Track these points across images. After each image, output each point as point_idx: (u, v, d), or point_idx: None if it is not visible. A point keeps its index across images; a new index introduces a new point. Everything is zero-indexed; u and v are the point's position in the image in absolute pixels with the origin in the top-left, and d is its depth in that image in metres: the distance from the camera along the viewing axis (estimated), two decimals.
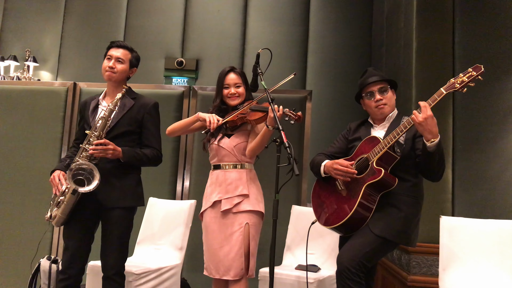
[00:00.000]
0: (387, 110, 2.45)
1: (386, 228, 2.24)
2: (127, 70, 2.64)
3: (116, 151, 2.43)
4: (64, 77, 5.58)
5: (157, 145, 2.64)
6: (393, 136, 2.25)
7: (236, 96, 2.66)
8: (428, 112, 2.10)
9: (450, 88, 2.14)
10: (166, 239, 3.33)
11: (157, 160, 2.65)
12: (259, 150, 2.58)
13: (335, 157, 2.56)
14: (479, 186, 3.02)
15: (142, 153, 2.56)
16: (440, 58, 3.17)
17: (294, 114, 2.40)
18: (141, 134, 2.61)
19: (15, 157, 4.00)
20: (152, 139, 2.62)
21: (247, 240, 2.52)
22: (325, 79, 5.24)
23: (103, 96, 2.67)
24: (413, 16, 3.28)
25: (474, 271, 2.45)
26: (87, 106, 2.65)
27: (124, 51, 2.63)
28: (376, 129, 2.49)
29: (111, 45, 2.65)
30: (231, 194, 2.56)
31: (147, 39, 5.62)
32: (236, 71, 2.68)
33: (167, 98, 4.01)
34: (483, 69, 2.10)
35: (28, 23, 5.84)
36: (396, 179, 2.27)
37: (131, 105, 2.58)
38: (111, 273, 2.47)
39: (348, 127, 2.65)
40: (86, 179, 2.34)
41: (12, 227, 3.89)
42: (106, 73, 2.59)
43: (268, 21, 5.49)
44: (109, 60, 2.59)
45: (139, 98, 2.64)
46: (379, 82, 2.45)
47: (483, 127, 3.07)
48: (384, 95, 2.43)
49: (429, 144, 2.13)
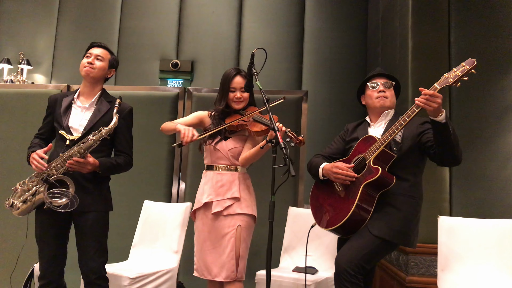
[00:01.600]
0: (387, 103, 2.44)
1: (385, 228, 2.22)
2: (106, 69, 2.58)
3: (94, 166, 2.40)
4: (58, 80, 5.55)
5: (129, 151, 2.61)
6: (389, 134, 2.23)
7: (241, 100, 2.62)
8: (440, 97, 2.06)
9: (444, 83, 2.10)
10: (162, 242, 3.29)
11: (128, 166, 2.62)
12: (253, 161, 2.58)
13: (333, 158, 2.54)
14: (477, 185, 3.01)
15: (117, 162, 2.52)
16: (436, 57, 3.17)
17: (295, 137, 2.37)
18: (114, 138, 2.56)
19: (7, 160, 3.96)
20: (126, 145, 2.58)
21: (239, 242, 2.49)
22: (321, 80, 5.23)
23: (77, 95, 2.58)
24: (408, 15, 3.27)
25: (473, 271, 2.44)
26: (58, 103, 2.56)
27: (105, 51, 2.60)
28: (374, 127, 2.47)
29: (91, 45, 2.62)
30: (222, 197, 2.53)
31: (142, 41, 5.59)
32: (242, 74, 2.62)
33: (162, 100, 3.98)
34: (476, 63, 2.07)
35: (22, 26, 5.81)
36: (394, 177, 2.24)
37: (107, 110, 2.52)
38: (94, 277, 2.42)
39: (346, 128, 2.63)
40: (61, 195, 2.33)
41: (5, 231, 3.85)
42: (84, 69, 2.53)
43: (263, 22, 5.47)
44: (88, 57, 2.56)
45: (115, 102, 2.53)
46: (385, 77, 2.47)
47: (480, 126, 3.06)
48: (387, 89, 2.45)
49: (440, 118, 2.09)
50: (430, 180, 2.99)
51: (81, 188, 2.41)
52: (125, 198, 3.73)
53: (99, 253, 2.46)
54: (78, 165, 2.35)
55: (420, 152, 2.33)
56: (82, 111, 2.53)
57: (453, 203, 3.03)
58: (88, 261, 2.43)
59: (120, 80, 5.60)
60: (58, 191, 2.33)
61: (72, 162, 2.33)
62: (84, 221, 2.44)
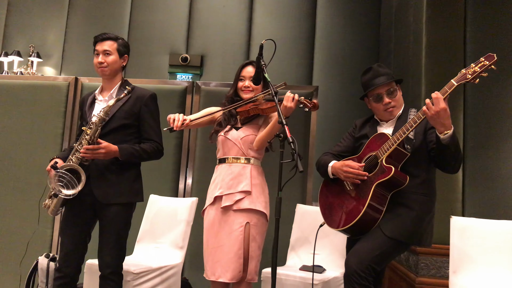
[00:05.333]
0: (396, 112, 2.35)
1: (397, 229, 2.15)
2: (118, 60, 2.57)
3: (110, 152, 2.37)
4: (68, 73, 5.54)
5: (156, 138, 2.56)
6: (403, 132, 2.15)
7: (249, 89, 2.60)
8: (441, 104, 1.98)
9: (462, 79, 2.01)
10: (167, 237, 3.26)
11: (157, 154, 2.58)
12: (268, 139, 2.51)
13: (342, 156, 2.47)
14: (490, 185, 2.93)
15: (141, 149, 2.49)
16: (451, 54, 3.09)
17: (309, 102, 2.33)
18: (139, 127, 2.54)
19: (16, 151, 3.97)
20: (151, 131, 2.55)
21: (247, 241, 2.43)
22: (332, 75, 5.16)
23: (99, 91, 2.62)
24: (423, 11, 3.20)
25: (486, 273, 2.36)
26: (85, 102, 2.61)
27: (109, 42, 2.56)
28: (384, 126, 2.40)
29: (95, 40, 2.60)
30: (233, 190, 2.47)
31: (152, 35, 5.57)
32: (254, 65, 2.60)
33: (171, 94, 3.95)
34: (496, 58, 1.97)
35: (32, 19, 5.82)
36: (407, 177, 2.17)
37: (127, 98, 2.50)
38: (107, 272, 2.42)
39: (354, 125, 2.55)
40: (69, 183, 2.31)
41: (13, 222, 3.84)
42: (98, 69, 2.55)
43: (274, 16, 5.41)
44: (97, 56, 2.55)
45: (135, 90, 2.55)
46: (387, 84, 2.32)
47: (494, 125, 2.98)
48: (393, 98, 2.32)
49: (442, 136, 2.02)
50: (443, 179, 2.91)
51: (103, 180, 2.42)
52: None
53: (116, 248, 2.45)
54: (91, 152, 2.34)
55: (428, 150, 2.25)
56: (103, 104, 2.53)
57: (466, 203, 2.96)
58: (104, 256, 2.43)
59: (130, 74, 5.58)
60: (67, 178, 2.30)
61: (84, 151, 2.33)
62: (105, 214, 2.44)
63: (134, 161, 2.50)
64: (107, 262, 2.42)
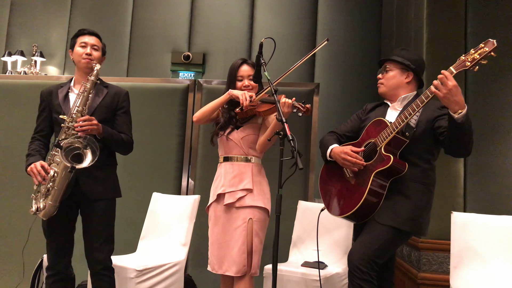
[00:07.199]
0: (382, 89, 2.41)
1: (393, 216, 2.16)
2: (101, 58, 2.61)
3: (99, 127, 2.40)
4: (71, 72, 5.57)
5: (130, 133, 2.63)
6: (401, 119, 2.15)
7: (250, 88, 2.61)
8: (451, 81, 1.92)
9: (460, 66, 1.98)
10: (170, 234, 3.28)
11: (130, 145, 2.62)
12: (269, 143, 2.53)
13: (347, 136, 2.50)
14: (492, 180, 2.92)
15: (119, 134, 2.54)
16: (452, 50, 3.08)
17: (302, 106, 2.33)
18: (113, 121, 2.58)
19: (19, 150, 3.98)
20: (125, 126, 2.60)
21: (250, 236, 2.47)
22: (333, 72, 5.17)
23: (73, 84, 2.60)
24: (424, 6, 3.19)
25: (487, 268, 2.37)
26: (53, 95, 2.57)
27: (97, 39, 2.61)
28: (391, 110, 2.39)
29: (82, 32, 2.60)
30: (235, 188, 2.51)
31: (154, 33, 5.58)
32: (249, 63, 2.64)
33: (172, 92, 3.95)
34: (496, 44, 1.92)
35: (35, 18, 5.84)
36: (406, 164, 2.17)
37: (105, 93, 2.56)
38: (99, 268, 2.43)
39: (364, 107, 2.56)
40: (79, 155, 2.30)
41: (17, 220, 3.87)
42: (83, 60, 2.52)
43: (276, 14, 5.42)
44: (84, 47, 2.54)
45: (110, 86, 2.62)
46: (385, 61, 2.43)
47: (496, 119, 2.97)
48: (383, 74, 2.40)
49: (456, 116, 1.95)
50: (444, 174, 2.92)
51: (91, 177, 2.43)
52: (134, 190, 3.73)
53: (106, 243, 2.46)
54: (88, 123, 2.33)
55: (435, 137, 2.23)
56: None
57: (467, 199, 2.96)
58: (94, 252, 2.43)
59: (132, 72, 5.60)
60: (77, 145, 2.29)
61: (80, 124, 2.32)
62: (92, 210, 2.45)
63: (111, 142, 2.49)
64: (98, 259, 2.42)
